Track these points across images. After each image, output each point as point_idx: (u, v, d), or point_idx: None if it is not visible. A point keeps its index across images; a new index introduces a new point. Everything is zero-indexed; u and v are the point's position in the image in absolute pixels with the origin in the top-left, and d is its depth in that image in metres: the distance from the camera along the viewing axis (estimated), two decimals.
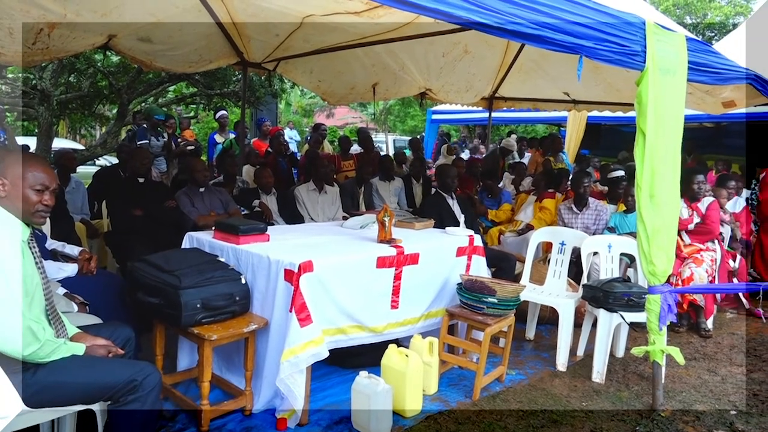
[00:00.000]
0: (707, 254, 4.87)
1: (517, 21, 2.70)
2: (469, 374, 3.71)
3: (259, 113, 11.44)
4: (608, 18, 3.07)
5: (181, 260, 3.12)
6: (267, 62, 6.30)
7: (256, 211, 5.27)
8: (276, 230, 3.96)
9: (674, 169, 3.35)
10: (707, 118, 8.26)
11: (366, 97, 7.23)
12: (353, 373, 3.19)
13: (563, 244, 4.55)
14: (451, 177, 5.16)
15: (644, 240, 3.28)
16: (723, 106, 5.78)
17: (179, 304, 2.85)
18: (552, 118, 11.62)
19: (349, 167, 7.71)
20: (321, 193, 5.72)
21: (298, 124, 21.61)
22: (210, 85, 9.62)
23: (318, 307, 3.07)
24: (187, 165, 5.32)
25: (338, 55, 5.97)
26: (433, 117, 12.49)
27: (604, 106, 7.92)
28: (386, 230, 3.63)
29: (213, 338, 2.88)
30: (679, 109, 3.36)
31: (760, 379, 3.96)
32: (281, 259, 3.08)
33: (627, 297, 3.80)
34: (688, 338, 4.76)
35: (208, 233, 3.67)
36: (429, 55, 6.22)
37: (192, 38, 5.20)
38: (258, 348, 3.17)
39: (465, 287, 3.62)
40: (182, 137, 8.46)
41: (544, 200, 6.00)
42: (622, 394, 3.67)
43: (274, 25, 5.09)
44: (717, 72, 3.79)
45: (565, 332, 4.03)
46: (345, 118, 27.22)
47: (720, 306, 5.38)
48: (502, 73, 7.20)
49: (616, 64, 3.14)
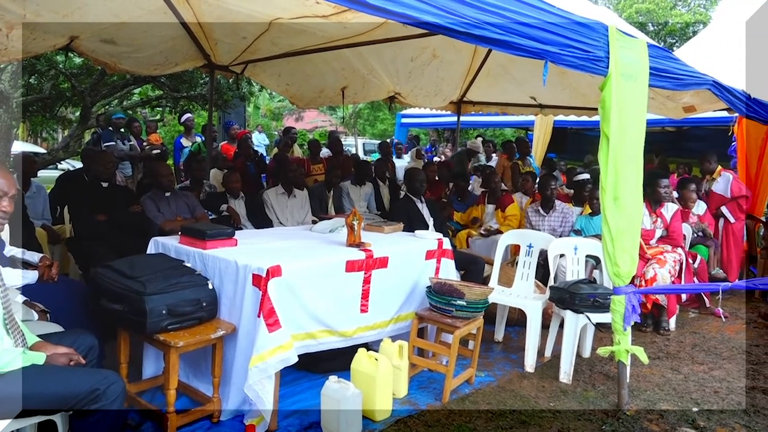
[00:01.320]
0: (670, 255, 4.98)
1: (484, 26, 2.73)
2: (439, 377, 3.73)
3: (227, 116, 11.33)
4: (573, 24, 3.13)
5: (146, 266, 3.06)
6: (234, 65, 6.25)
7: (223, 216, 5.21)
8: (244, 235, 3.92)
9: (637, 173, 3.42)
10: (669, 122, 8.50)
11: (335, 100, 7.23)
12: (323, 378, 3.17)
13: (531, 246, 4.61)
14: (420, 181, 5.19)
15: (609, 242, 3.35)
16: (684, 110, 5.95)
17: (144, 310, 2.79)
18: (519, 122, 11.80)
19: (319, 171, 7.69)
20: (290, 196, 5.68)
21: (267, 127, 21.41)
22: (176, 87, 9.48)
23: (287, 311, 3.05)
24: (152, 169, 5.24)
25: (307, 58, 5.96)
26: (403, 121, 12.56)
27: (570, 111, 8.08)
28: (355, 234, 3.63)
29: (179, 345, 2.83)
30: (641, 113, 3.44)
31: (720, 376, 4.07)
32: (249, 264, 3.05)
33: (593, 298, 3.86)
34: (652, 338, 4.87)
35: (174, 238, 3.61)
36: (398, 59, 6.25)
37: (157, 40, 5.13)
38: (226, 354, 3.12)
39: (434, 290, 3.64)
40: (148, 141, 8.32)
41: (507, 208, 6.03)
42: (589, 394, 3.72)
43: (242, 28, 5.05)
44: (677, 78, 3.89)
45: (533, 334, 4.08)
46: (314, 122, 27.12)
47: (683, 306, 5.51)
48: (470, 77, 7.28)
49: (580, 69, 3.20)
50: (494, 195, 6.32)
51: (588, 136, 11.29)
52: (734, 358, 4.44)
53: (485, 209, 6.37)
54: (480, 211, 6.40)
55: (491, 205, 6.29)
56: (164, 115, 12.74)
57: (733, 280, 6.08)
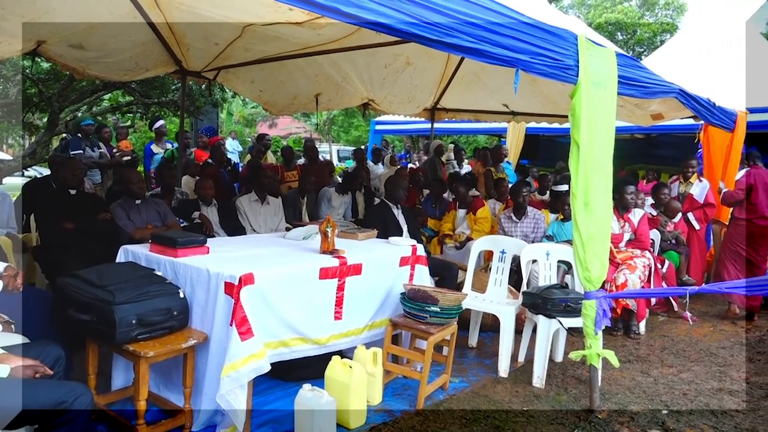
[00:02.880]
0: (640, 261, 5.07)
1: (456, 35, 2.76)
2: (414, 383, 3.73)
3: (201, 123, 11.21)
4: (543, 33, 3.17)
5: (115, 275, 3.00)
6: (207, 71, 6.19)
7: (195, 223, 5.14)
8: (216, 242, 3.88)
9: (606, 179, 3.49)
10: (638, 129, 8.67)
11: (309, 107, 7.21)
12: (297, 386, 3.15)
13: (503, 252, 4.65)
14: (402, 188, 5.19)
15: (580, 247, 3.40)
16: (652, 118, 6.08)
17: (113, 320, 2.74)
18: (493, 129, 11.90)
19: (293, 178, 7.66)
20: (263, 204, 5.64)
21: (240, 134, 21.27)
22: (147, 93, 9.36)
23: (259, 320, 3.02)
24: (122, 176, 5.15)
25: (280, 64, 5.93)
26: (377, 127, 12.57)
27: (542, 118, 8.19)
28: (329, 241, 3.61)
29: (149, 355, 2.78)
30: (610, 121, 3.50)
31: (688, 378, 4.15)
32: (221, 272, 3.01)
33: (564, 303, 3.91)
34: (623, 341, 4.94)
35: (144, 246, 3.55)
36: (371, 66, 6.27)
37: (127, 45, 5.05)
38: (197, 364, 3.08)
39: (408, 297, 3.64)
40: (118, 147, 8.18)
41: (478, 211, 6.08)
42: (561, 398, 3.76)
43: (214, 34, 5.01)
44: (645, 86, 3.98)
45: (506, 339, 4.11)
46: (288, 128, 27.00)
47: (652, 310, 5.61)
48: (443, 84, 7.33)
49: (550, 77, 3.25)
50: (464, 201, 6.37)
51: (560, 143, 11.44)
52: (702, 361, 4.53)
53: (456, 214, 6.41)
54: (452, 217, 6.44)
55: (462, 210, 6.33)
56: (135, 121, 12.55)
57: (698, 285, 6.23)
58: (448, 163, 10.85)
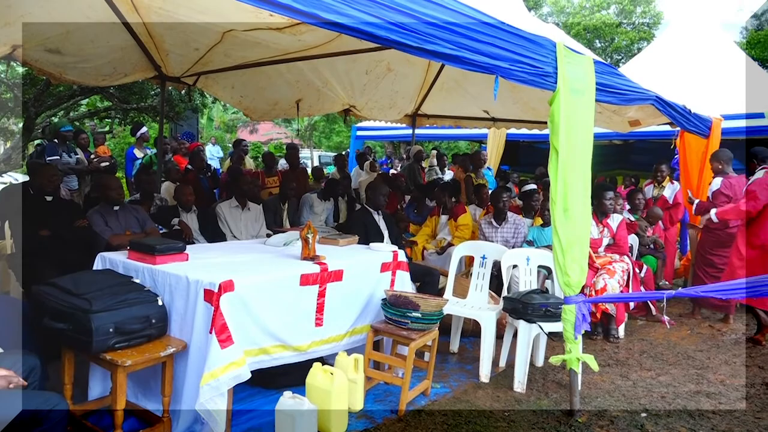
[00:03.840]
0: (619, 265, 5.12)
1: (436, 42, 2.78)
2: (395, 389, 3.72)
3: (180, 129, 11.13)
4: (522, 40, 3.21)
5: (91, 282, 2.96)
6: (186, 76, 6.14)
7: (175, 230, 5.09)
8: (196, 249, 3.84)
9: (585, 184, 3.52)
10: (616, 135, 8.78)
11: (290, 113, 7.19)
12: (277, 394, 3.13)
13: (484, 257, 4.68)
14: (383, 194, 5.19)
15: (559, 252, 3.43)
16: (629, 124, 6.16)
17: (90, 329, 2.70)
18: (473, 135, 11.95)
19: (273, 184, 7.62)
20: (244, 210, 5.61)
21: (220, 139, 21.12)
22: (126, 98, 9.27)
23: (239, 327, 3.00)
24: (100, 182, 5.08)
25: (260, 70, 5.91)
26: (358, 133, 12.56)
27: (522, 124, 8.27)
28: (310, 247, 3.60)
29: (127, 364, 2.74)
30: (588, 127, 3.54)
31: (666, 381, 4.20)
32: (200, 279, 2.98)
33: (545, 308, 3.94)
34: (602, 345, 4.99)
35: (122, 253, 3.51)
36: (352, 72, 6.27)
37: (105, 50, 5.00)
38: (176, 372, 3.04)
39: (389, 303, 3.64)
40: (96, 153, 8.07)
41: (459, 218, 6.11)
42: (542, 402, 3.78)
43: (194, 39, 4.98)
44: (622, 93, 4.04)
45: (488, 344, 4.13)
46: (269, 134, 26.90)
47: (631, 314, 5.68)
48: (424, 90, 7.36)
49: (530, 84, 3.28)
50: (447, 207, 6.40)
51: (540, 149, 11.53)
52: (679, 363, 4.59)
53: (439, 220, 6.44)
54: (433, 223, 6.47)
55: (445, 216, 6.36)
56: (113, 126, 12.42)
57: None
58: (431, 169, 10.89)
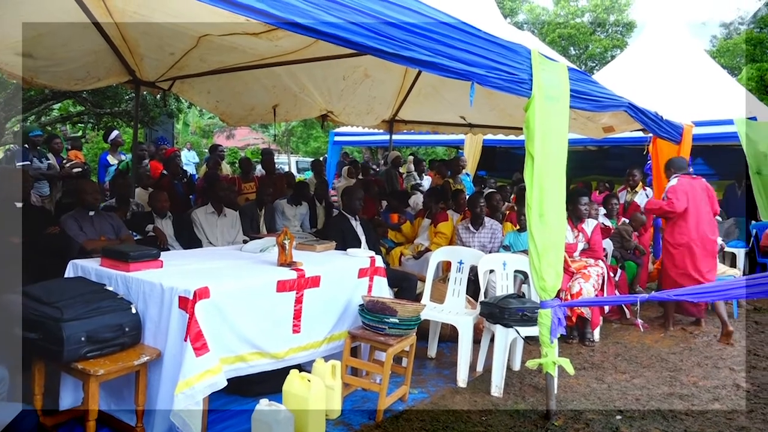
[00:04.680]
0: (594, 270, 5.18)
1: (413, 48, 2.79)
2: (373, 396, 3.71)
3: (156, 134, 10.99)
4: (498, 48, 3.24)
5: (63, 291, 2.91)
6: (161, 81, 6.08)
7: (149, 237, 5.03)
8: (170, 256, 3.80)
9: (560, 190, 3.56)
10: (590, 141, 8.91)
11: (266, 118, 7.16)
12: (254, 401, 3.09)
13: (461, 263, 4.70)
14: (358, 198, 5.18)
15: (535, 257, 3.46)
16: (603, 131, 6.25)
17: (61, 338, 2.65)
18: (450, 141, 12.04)
19: (250, 189, 7.57)
20: (220, 215, 5.55)
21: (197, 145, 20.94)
22: (99, 103, 9.14)
23: (215, 334, 2.96)
24: (75, 187, 4.99)
25: (237, 75, 5.88)
26: (336, 139, 12.55)
27: (498, 130, 8.33)
28: (286, 253, 3.58)
29: (99, 373, 2.69)
30: (563, 133, 3.59)
31: (641, 384, 4.26)
32: (175, 286, 2.94)
33: (521, 312, 3.96)
34: (578, 349, 5.04)
35: (94, 261, 3.45)
36: (329, 77, 6.27)
37: (78, 54, 4.93)
38: (150, 381, 3.00)
39: (367, 308, 3.63)
40: (68, 158, 7.93)
41: (439, 224, 6.14)
42: (519, 406, 3.80)
43: (169, 44, 4.94)
44: (596, 100, 4.10)
45: (465, 349, 4.14)
46: (246, 139, 26.73)
47: (606, 317, 5.75)
48: (401, 96, 7.39)
49: (505, 90, 3.31)
50: (431, 212, 6.45)
51: (516, 155, 11.65)
52: (653, 366, 4.65)
53: (422, 222, 6.48)
54: (417, 224, 6.51)
55: (428, 220, 6.40)
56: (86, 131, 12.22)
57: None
58: (409, 175, 10.93)
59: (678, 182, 5.55)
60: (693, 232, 5.48)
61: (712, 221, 5.68)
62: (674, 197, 5.45)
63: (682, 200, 5.45)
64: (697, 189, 5.60)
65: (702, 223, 5.54)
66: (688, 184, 5.56)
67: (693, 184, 5.60)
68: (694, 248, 5.47)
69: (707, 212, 5.62)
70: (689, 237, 5.48)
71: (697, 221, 5.51)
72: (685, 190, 5.49)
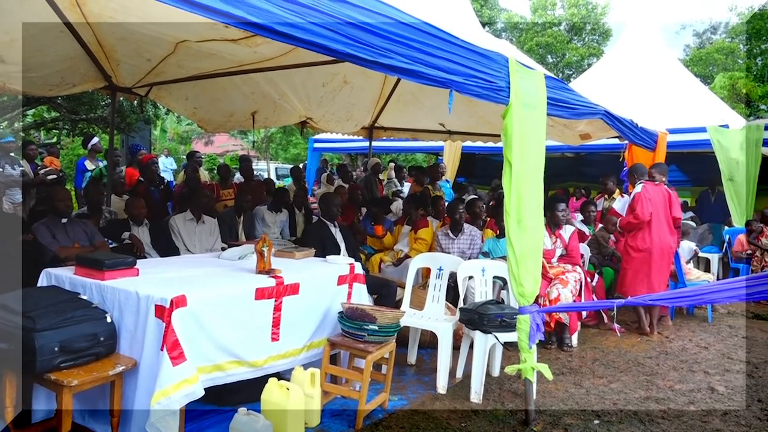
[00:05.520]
0: (572, 275, 5.24)
1: (391, 56, 2.80)
2: (352, 403, 3.69)
3: (132, 140, 10.87)
4: (476, 56, 3.27)
5: (36, 300, 2.85)
6: (138, 87, 6.01)
7: (126, 244, 4.96)
8: (147, 264, 3.75)
9: (538, 196, 3.60)
10: (567, 148, 9.02)
11: (245, 125, 7.12)
12: (232, 411, 3.07)
13: (441, 269, 4.71)
14: (336, 205, 5.18)
15: (513, 263, 3.48)
16: (580, 137, 6.33)
17: (33, 348, 2.60)
18: (430, 148, 12.10)
19: (229, 196, 7.51)
20: (198, 223, 5.50)
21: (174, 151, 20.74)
22: (75, 109, 9.00)
23: (192, 343, 2.93)
24: (48, 193, 4.91)
25: (215, 81, 5.84)
26: (315, 145, 12.54)
27: (477, 137, 8.40)
28: (265, 260, 3.55)
29: (73, 384, 2.64)
30: (541, 140, 3.63)
31: (618, 388, 4.30)
32: (151, 295, 2.91)
33: (500, 318, 3.98)
34: (556, 354, 5.08)
35: (68, 269, 3.39)
36: (308, 84, 6.26)
37: (53, 60, 4.85)
38: (126, 391, 2.95)
39: (346, 315, 3.62)
40: (43, 165, 7.80)
41: (419, 231, 6.16)
42: (499, 412, 3.81)
43: (146, 49, 4.88)
44: (572, 107, 4.15)
45: (444, 355, 4.14)
46: (225, 146, 26.57)
47: (584, 322, 5.80)
48: (381, 103, 7.41)
49: (483, 98, 3.34)
50: (411, 219, 6.47)
51: (495, 161, 11.74)
52: (630, 370, 4.71)
53: (401, 229, 6.49)
54: (397, 231, 6.52)
55: (408, 227, 6.41)
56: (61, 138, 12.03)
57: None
58: (390, 182, 10.94)
59: (642, 189, 5.70)
60: (655, 239, 5.66)
61: (671, 228, 5.84)
62: (639, 207, 5.61)
63: (646, 208, 5.61)
64: (659, 195, 5.77)
65: (662, 229, 5.72)
66: (651, 191, 5.72)
67: (655, 191, 5.75)
68: (654, 255, 5.65)
69: (667, 218, 5.80)
70: (650, 243, 5.65)
71: (659, 228, 5.69)
72: (649, 197, 5.66)
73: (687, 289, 4.69)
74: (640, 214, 5.60)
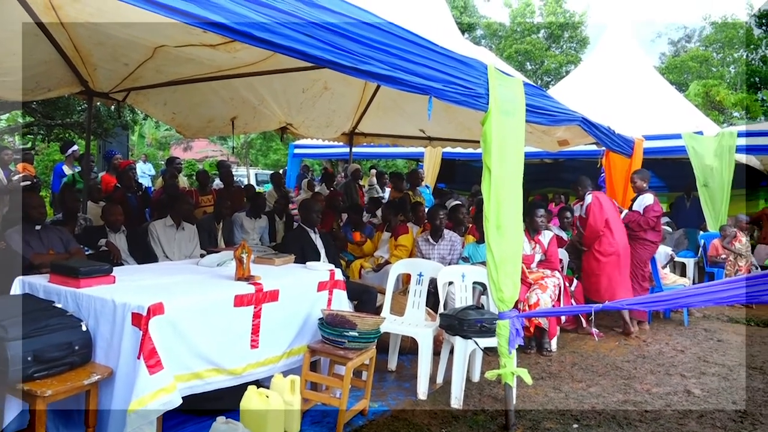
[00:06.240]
0: (550, 280, 5.28)
1: (371, 62, 2.80)
2: (333, 410, 3.67)
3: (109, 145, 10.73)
4: (455, 62, 3.29)
5: (8, 308, 2.80)
6: (115, 92, 5.93)
7: (102, 251, 4.88)
8: (124, 271, 3.69)
9: (517, 202, 3.63)
10: (546, 155, 9.11)
11: (225, 130, 7.07)
12: (210, 419, 3.02)
13: (421, 275, 4.72)
14: (316, 211, 5.16)
15: (493, 269, 3.50)
16: (558, 144, 6.40)
17: (5, 358, 2.54)
18: (410, 154, 12.13)
19: (208, 202, 7.44)
20: (178, 229, 5.44)
21: (152, 157, 20.51)
22: (50, 114, 8.86)
23: (170, 351, 2.89)
24: (21, 199, 4.82)
25: (194, 87, 5.79)
26: (296, 151, 12.49)
27: (457, 143, 8.45)
28: (244, 267, 3.53)
29: (47, 394, 2.59)
30: (519, 146, 3.66)
31: (597, 392, 4.34)
32: (128, 302, 2.86)
33: (480, 323, 3.99)
34: (536, 359, 5.11)
35: (42, 277, 3.32)
36: (289, 90, 6.24)
37: (28, 64, 4.75)
38: (102, 401, 2.89)
39: (326, 322, 3.61)
40: (17, 170, 7.65)
41: (399, 237, 6.17)
42: (479, 418, 3.82)
43: (123, 54, 4.83)
44: (551, 114, 4.20)
45: (425, 361, 4.14)
46: (204, 152, 26.33)
47: (563, 327, 5.85)
48: (361, 109, 7.41)
49: (463, 105, 3.36)
50: (391, 225, 6.47)
51: (475, 167, 11.77)
52: (608, 374, 4.75)
53: (381, 236, 6.48)
54: (377, 237, 6.51)
55: (388, 233, 6.40)
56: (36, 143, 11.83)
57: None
58: (371, 188, 10.94)
59: (593, 199, 5.86)
60: (619, 241, 5.82)
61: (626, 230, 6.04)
62: (591, 218, 5.80)
63: (599, 216, 5.78)
64: (608, 200, 5.98)
65: (621, 231, 5.91)
66: (601, 198, 5.89)
67: (604, 197, 5.96)
68: (621, 259, 5.81)
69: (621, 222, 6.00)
70: (617, 246, 5.80)
71: (618, 231, 5.87)
72: (600, 204, 5.82)
73: (687, 289, 4.66)
74: (593, 224, 5.77)
